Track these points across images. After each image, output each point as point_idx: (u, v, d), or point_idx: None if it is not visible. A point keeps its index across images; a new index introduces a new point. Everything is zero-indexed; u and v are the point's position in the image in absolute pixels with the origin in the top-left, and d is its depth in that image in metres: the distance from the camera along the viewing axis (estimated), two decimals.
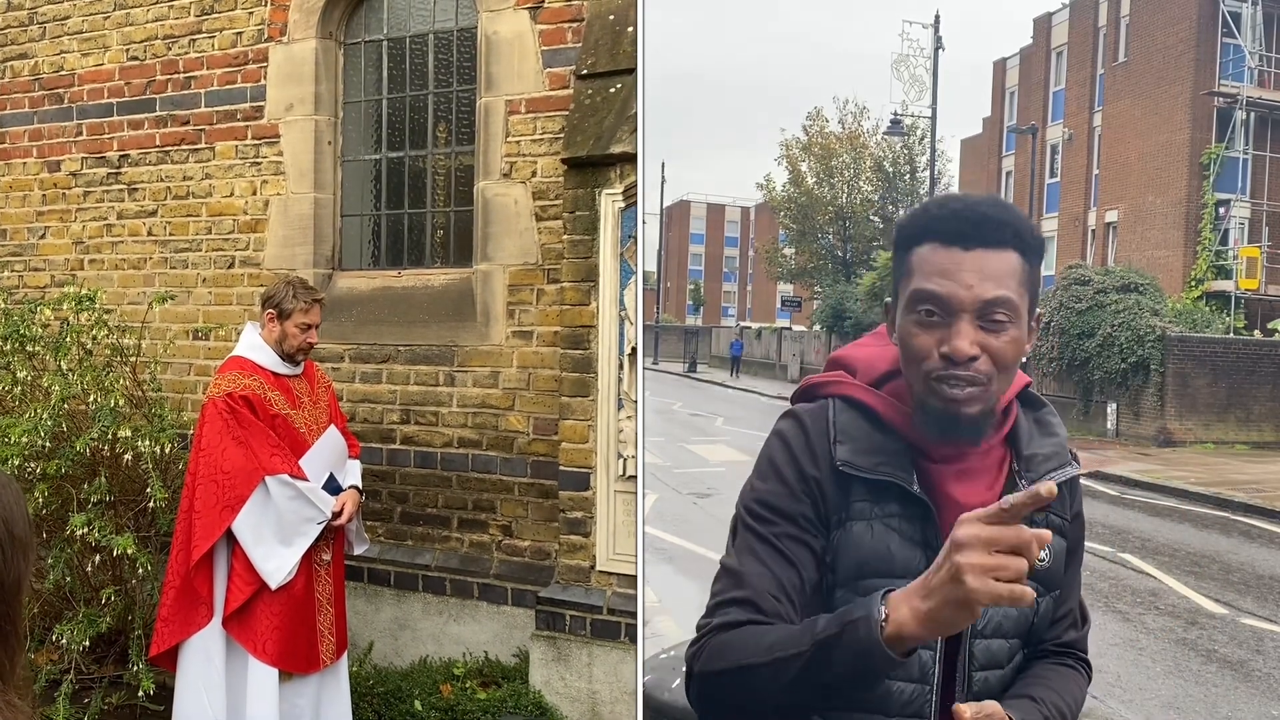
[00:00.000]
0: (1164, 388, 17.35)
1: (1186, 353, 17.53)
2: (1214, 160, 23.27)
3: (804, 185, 32.56)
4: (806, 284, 34.59)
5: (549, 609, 3.99)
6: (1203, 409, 17.48)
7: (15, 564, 0.91)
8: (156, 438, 3.93)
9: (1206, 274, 23.08)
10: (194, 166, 5.11)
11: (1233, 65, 23.78)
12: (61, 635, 3.83)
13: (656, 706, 2.28)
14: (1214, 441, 17.21)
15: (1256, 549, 9.35)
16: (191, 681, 3.27)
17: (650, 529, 9.00)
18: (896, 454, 1.36)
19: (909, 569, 1.31)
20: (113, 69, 5.32)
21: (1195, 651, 6.23)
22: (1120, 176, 25.52)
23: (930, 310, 1.29)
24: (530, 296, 4.36)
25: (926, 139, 27.83)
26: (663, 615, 6.30)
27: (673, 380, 29.70)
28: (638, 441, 3.88)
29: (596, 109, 4.07)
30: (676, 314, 58.34)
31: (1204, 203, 23.46)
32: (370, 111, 4.95)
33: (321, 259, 4.89)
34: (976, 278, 1.27)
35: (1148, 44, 24.87)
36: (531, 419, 4.34)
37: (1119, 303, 17.93)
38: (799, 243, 33.64)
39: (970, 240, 1.28)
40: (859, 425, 1.38)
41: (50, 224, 5.51)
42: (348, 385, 4.69)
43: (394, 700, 3.89)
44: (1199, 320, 19.16)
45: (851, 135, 32.43)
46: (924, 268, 1.30)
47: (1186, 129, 23.56)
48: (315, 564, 3.38)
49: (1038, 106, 28.90)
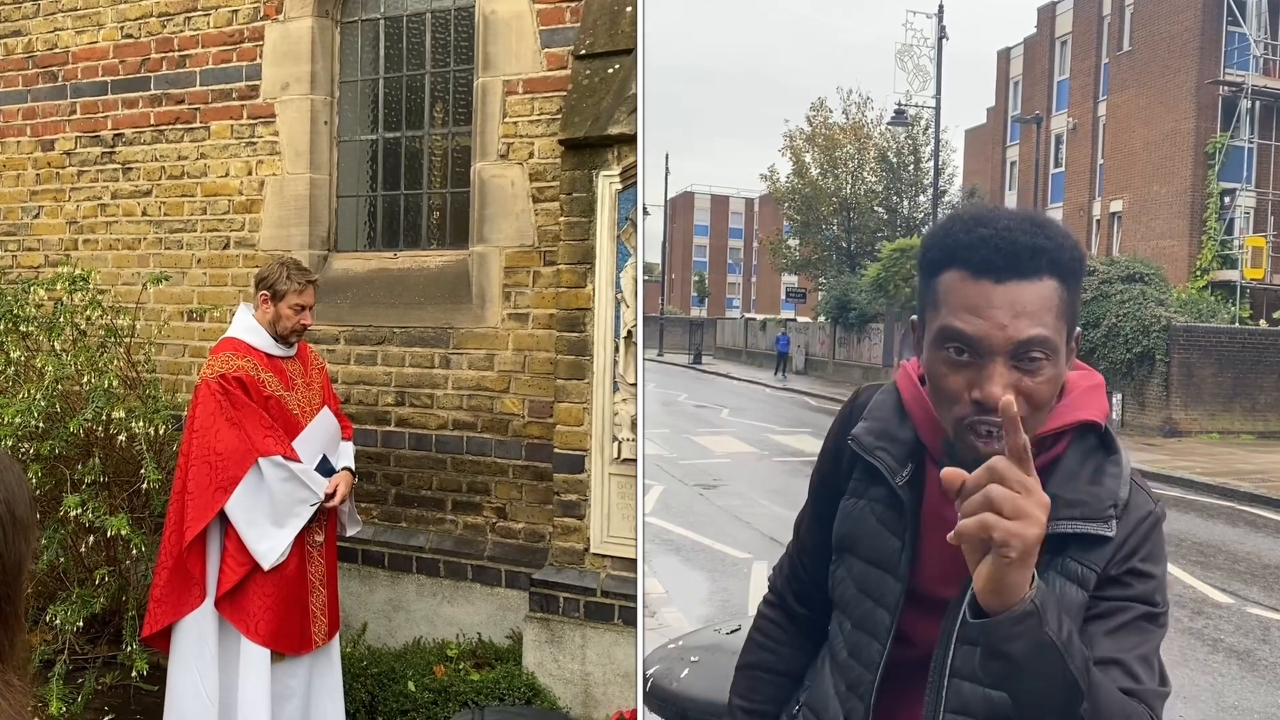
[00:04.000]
0: (1169, 378, 17.28)
1: (1192, 343, 17.46)
2: (1219, 149, 23.17)
3: (808, 176, 32.42)
4: (811, 275, 34.51)
5: (542, 591, 3.98)
6: (1208, 399, 17.41)
7: (16, 545, 0.90)
8: (151, 419, 3.92)
9: (1212, 264, 23.02)
10: (189, 146, 5.08)
11: (1238, 54, 23.66)
12: (55, 616, 3.83)
13: (664, 696, 2.28)
14: (1219, 431, 17.16)
15: (1262, 538, 9.33)
16: (184, 662, 3.26)
17: (656, 520, 9.10)
18: (903, 444, 1.34)
19: (876, 556, 1.34)
20: (107, 46, 5.27)
21: (1201, 641, 6.22)
22: (1125, 166, 25.44)
23: (960, 349, 1.19)
24: (526, 279, 4.34)
25: (930, 129, 27.71)
26: (669, 606, 6.30)
27: (678, 372, 29.75)
28: (638, 425, 3.86)
29: (594, 90, 4.04)
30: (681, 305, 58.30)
31: (1209, 192, 23.38)
32: (367, 91, 4.91)
33: (317, 240, 4.86)
34: (1009, 315, 1.16)
35: (1152, 33, 24.73)
36: (527, 402, 4.33)
37: (1124, 293, 17.84)
38: (803, 234, 33.53)
39: (1002, 273, 1.17)
40: (886, 407, 1.38)
41: (44, 203, 5.48)
42: (343, 367, 4.67)
43: (387, 681, 3.89)
44: (1204, 310, 19.11)
45: (855, 126, 32.28)
46: (951, 300, 1.20)
47: (1191, 118, 23.47)
48: (308, 545, 3.36)
49: (1042, 96, 28.78)
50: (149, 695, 3.81)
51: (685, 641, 2.53)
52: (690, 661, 2.32)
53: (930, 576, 1.31)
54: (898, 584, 1.32)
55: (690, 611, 6.24)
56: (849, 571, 1.38)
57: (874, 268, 24.16)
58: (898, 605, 1.32)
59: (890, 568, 1.33)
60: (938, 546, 1.24)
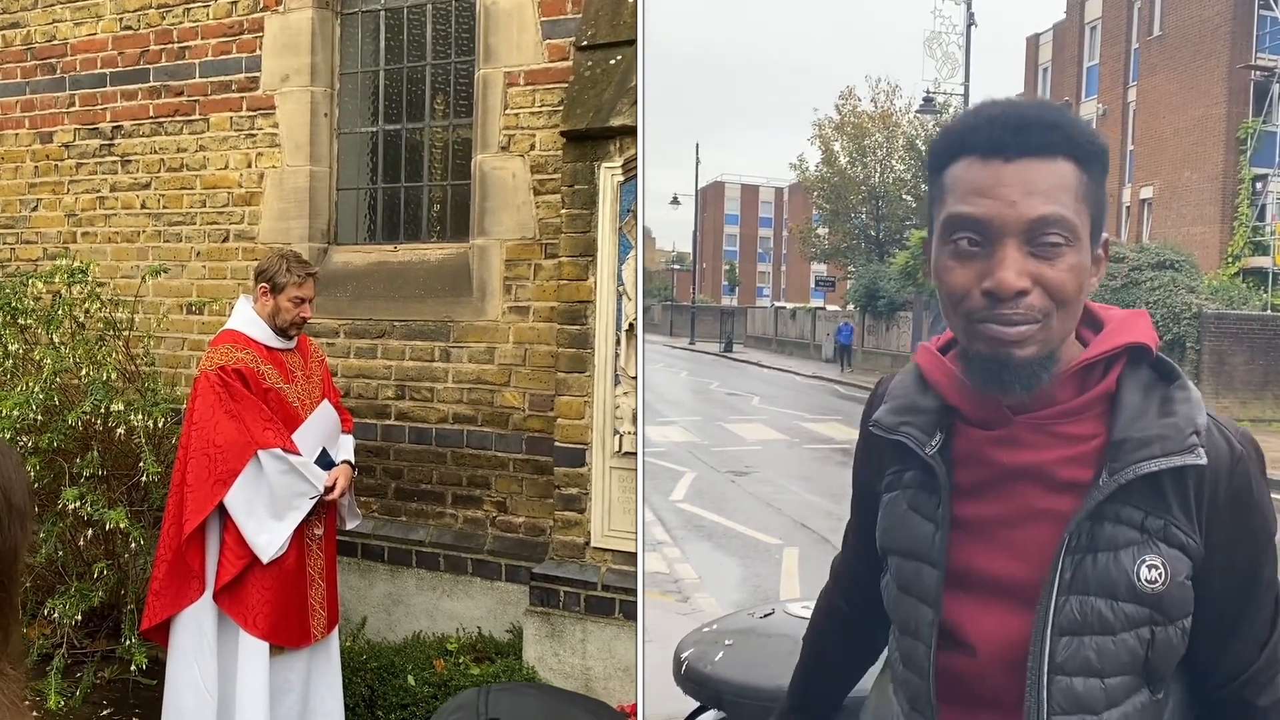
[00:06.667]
0: (1200, 366, 17.06)
1: (1223, 330, 17.28)
2: (1251, 135, 22.72)
3: (836, 165, 32.25)
4: (840, 264, 34.42)
5: (543, 585, 3.97)
6: (1239, 387, 17.22)
7: (12, 533, 0.89)
8: (149, 412, 3.90)
9: (1243, 250, 22.64)
10: (188, 138, 5.05)
11: (1270, 38, 23.29)
12: (54, 609, 3.82)
13: (699, 679, 2.27)
14: (1251, 420, 16.84)
15: None
16: (183, 655, 3.24)
17: (689, 506, 9.20)
18: (928, 413, 1.19)
19: (915, 548, 1.18)
20: (106, 38, 5.24)
21: None
22: (1155, 152, 24.98)
23: (969, 239, 1.06)
24: (527, 271, 4.32)
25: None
26: (702, 592, 6.31)
27: (709, 360, 29.95)
28: (638, 417, 3.84)
29: (596, 81, 4.01)
30: (713, 294, 58.27)
31: (1240, 178, 22.94)
32: (367, 83, 4.88)
33: (317, 233, 4.84)
34: (1021, 193, 1.03)
35: (1183, 17, 24.36)
36: (527, 395, 4.31)
37: (1154, 280, 17.61)
38: (832, 223, 33.38)
39: (1012, 150, 1.04)
40: (906, 385, 1.25)
41: (43, 196, 5.45)
42: (343, 360, 4.65)
43: (387, 675, 3.87)
44: (1235, 297, 18.86)
45: (884, 114, 32.04)
46: (958, 188, 1.07)
47: (1223, 103, 23.03)
48: (307, 539, 3.35)
49: (1071, 82, 28.35)
50: (148, 689, 3.80)
51: (719, 625, 2.53)
52: (725, 645, 2.33)
53: (973, 553, 1.15)
54: (935, 571, 1.16)
55: (723, 596, 6.27)
56: (892, 575, 1.24)
57: (902, 256, 24.00)
58: (938, 595, 1.16)
59: (924, 555, 1.18)
60: (979, 522, 1.14)
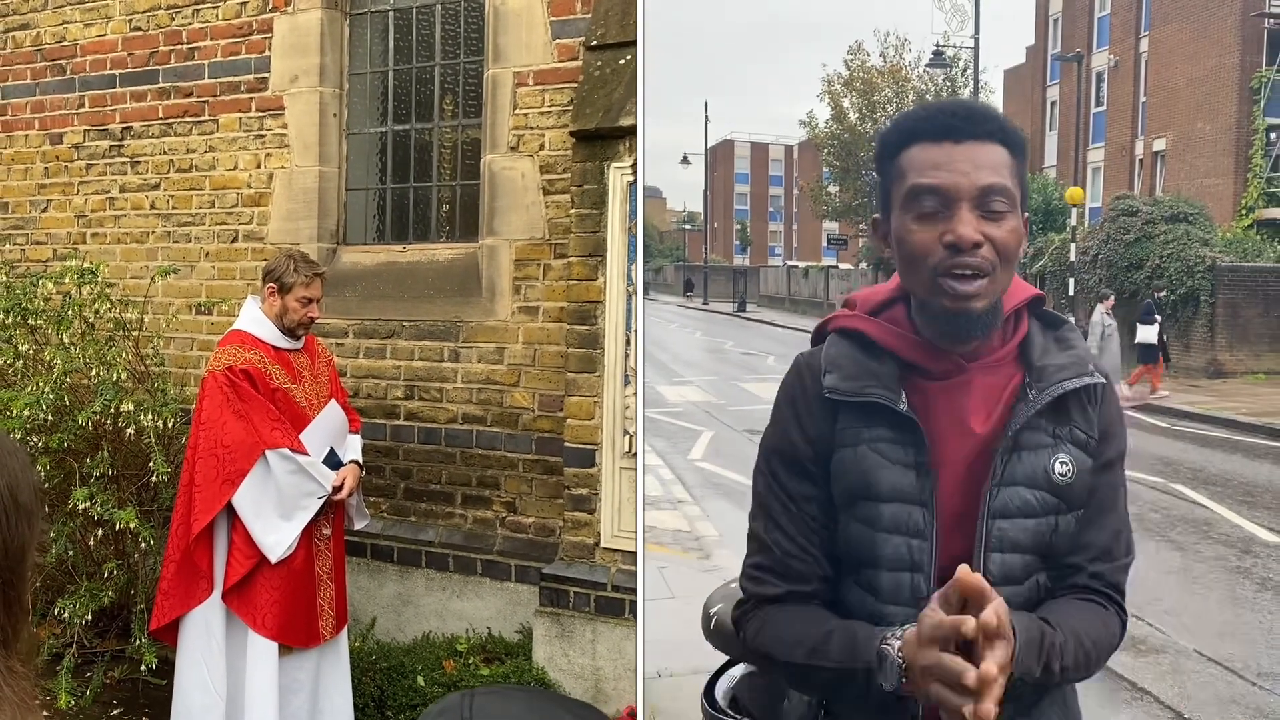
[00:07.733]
0: (1214, 319, 16.92)
1: (1237, 283, 17.09)
2: (1265, 84, 22.17)
3: (846, 121, 31.84)
4: (852, 221, 34.12)
5: (553, 586, 3.95)
6: (1254, 339, 17.03)
7: (20, 530, 0.88)
8: (159, 412, 3.90)
9: (1257, 202, 22.17)
10: (197, 139, 5.05)
11: None
12: (64, 609, 3.82)
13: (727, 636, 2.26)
14: (1265, 372, 16.70)
15: None
16: (192, 655, 3.24)
17: (708, 465, 9.35)
18: (885, 376, 1.35)
19: (897, 492, 1.33)
20: (115, 39, 5.26)
21: (1250, 579, 6.21)
22: (1168, 103, 24.43)
23: (930, 203, 1.27)
24: (536, 272, 4.30)
25: (969, 70, 26.96)
26: (723, 549, 6.49)
27: (723, 320, 30.06)
28: (638, 419, 3.82)
29: (606, 81, 4.00)
30: (724, 254, 58.04)
31: (1254, 128, 22.36)
32: (376, 83, 4.88)
33: (326, 233, 4.83)
34: (971, 166, 1.26)
35: None
36: (537, 395, 4.29)
37: (1168, 233, 17.47)
38: (843, 180, 32.95)
39: (959, 133, 1.28)
40: (849, 353, 1.39)
41: (52, 197, 5.46)
42: (352, 361, 4.65)
43: (397, 675, 3.87)
44: (1249, 249, 18.61)
45: (893, 69, 31.62)
46: (916, 165, 1.29)
47: (1236, 52, 22.49)
48: (315, 539, 3.34)
49: (1082, 33, 27.85)
50: (157, 689, 3.80)
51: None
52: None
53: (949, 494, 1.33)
54: (926, 511, 1.32)
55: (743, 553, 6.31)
56: (867, 519, 1.34)
57: None
58: (932, 531, 1.32)
59: (912, 498, 1.32)
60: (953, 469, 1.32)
